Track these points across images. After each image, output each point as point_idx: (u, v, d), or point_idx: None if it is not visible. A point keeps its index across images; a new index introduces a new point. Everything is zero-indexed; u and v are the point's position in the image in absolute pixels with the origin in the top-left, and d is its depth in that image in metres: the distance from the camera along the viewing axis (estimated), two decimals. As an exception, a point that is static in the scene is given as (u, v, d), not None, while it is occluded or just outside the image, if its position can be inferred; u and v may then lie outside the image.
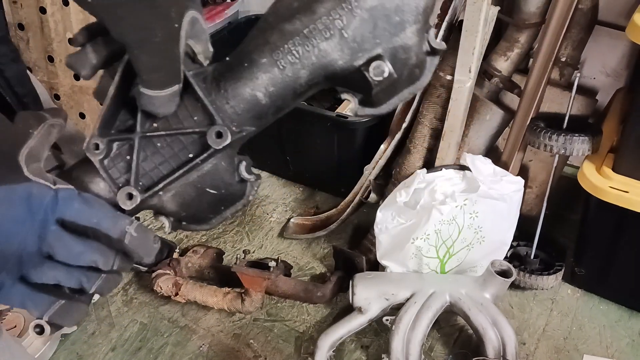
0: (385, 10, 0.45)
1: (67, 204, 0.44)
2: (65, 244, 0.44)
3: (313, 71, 0.47)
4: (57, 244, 0.44)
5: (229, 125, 0.48)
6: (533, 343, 1.39)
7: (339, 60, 0.46)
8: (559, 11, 1.27)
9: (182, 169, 0.48)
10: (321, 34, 0.46)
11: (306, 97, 0.51)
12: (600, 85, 1.64)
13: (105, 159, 0.48)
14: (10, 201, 0.42)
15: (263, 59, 0.47)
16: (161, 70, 0.46)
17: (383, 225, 1.40)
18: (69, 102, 1.88)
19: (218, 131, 0.47)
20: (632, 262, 1.37)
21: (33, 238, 0.43)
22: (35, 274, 0.44)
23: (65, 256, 0.44)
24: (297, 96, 0.50)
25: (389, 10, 0.45)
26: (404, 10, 0.45)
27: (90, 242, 0.45)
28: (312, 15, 0.45)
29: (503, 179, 1.34)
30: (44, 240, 0.43)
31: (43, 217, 0.43)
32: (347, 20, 0.45)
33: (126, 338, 1.45)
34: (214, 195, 0.50)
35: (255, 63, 0.47)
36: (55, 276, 0.45)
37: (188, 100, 0.49)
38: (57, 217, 0.44)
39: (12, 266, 0.43)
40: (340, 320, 1.34)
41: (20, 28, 1.81)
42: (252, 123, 0.50)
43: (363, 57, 0.46)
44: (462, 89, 1.30)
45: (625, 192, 1.22)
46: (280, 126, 1.74)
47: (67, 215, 0.44)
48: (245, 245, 1.72)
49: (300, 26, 0.46)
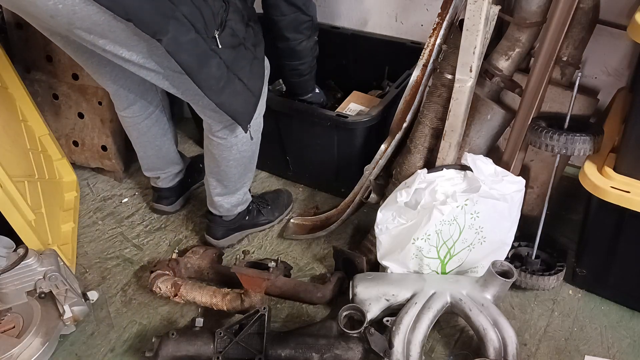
0: None
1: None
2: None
3: None
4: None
5: None
6: (534, 344, 1.38)
7: None
8: (560, 10, 1.26)
9: None
10: None
11: None
12: (601, 85, 1.64)
13: None
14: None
15: None
16: None
17: (383, 225, 1.39)
18: (67, 101, 1.87)
19: None
20: (633, 262, 1.36)
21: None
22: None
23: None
24: None
25: None
26: None
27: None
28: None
29: (504, 179, 1.33)
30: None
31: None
32: None
33: (125, 339, 1.44)
34: None
35: None
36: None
37: None
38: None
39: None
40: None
41: (19, 27, 1.80)
42: None
43: None
44: (463, 89, 1.29)
45: (626, 192, 1.22)
46: (280, 126, 1.74)
47: None
48: (244, 246, 1.72)
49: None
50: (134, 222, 1.83)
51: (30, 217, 1.43)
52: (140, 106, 1.55)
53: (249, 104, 1.26)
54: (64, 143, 1.93)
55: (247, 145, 1.43)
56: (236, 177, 1.51)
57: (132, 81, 1.47)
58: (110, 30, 1.04)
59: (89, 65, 1.38)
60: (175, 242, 1.75)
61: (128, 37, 1.06)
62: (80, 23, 1.02)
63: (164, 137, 1.66)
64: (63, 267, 1.41)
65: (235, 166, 1.46)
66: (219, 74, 1.14)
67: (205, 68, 1.11)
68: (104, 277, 1.63)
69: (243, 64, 1.20)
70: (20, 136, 1.64)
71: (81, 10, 0.99)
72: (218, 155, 1.43)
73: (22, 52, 1.84)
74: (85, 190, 1.97)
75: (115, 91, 1.49)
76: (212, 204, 1.60)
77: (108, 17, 1.01)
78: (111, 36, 1.06)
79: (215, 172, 1.49)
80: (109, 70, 1.40)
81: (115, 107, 1.57)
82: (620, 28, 1.47)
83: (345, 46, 2.01)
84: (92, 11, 0.99)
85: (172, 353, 1.27)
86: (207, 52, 1.10)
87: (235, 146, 1.40)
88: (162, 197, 1.82)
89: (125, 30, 1.05)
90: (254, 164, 1.54)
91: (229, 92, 1.18)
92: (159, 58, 1.13)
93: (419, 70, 1.48)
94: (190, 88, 1.20)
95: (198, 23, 1.06)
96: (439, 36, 1.42)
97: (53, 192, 1.74)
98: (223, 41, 1.12)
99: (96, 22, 1.02)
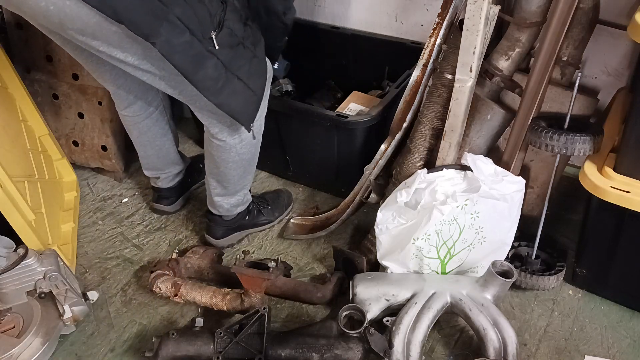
0: None
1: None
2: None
3: None
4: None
5: None
6: (534, 344, 1.38)
7: None
8: (560, 10, 1.26)
9: None
10: None
11: None
12: (601, 85, 1.64)
13: None
14: None
15: None
16: None
17: (383, 225, 1.39)
18: (67, 101, 1.87)
19: None
20: (633, 262, 1.36)
21: None
22: None
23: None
24: None
25: None
26: None
27: None
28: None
29: (504, 179, 1.33)
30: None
31: None
32: None
33: (125, 339, 1.44)
34: None
35: None
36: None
37: None
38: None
39: None
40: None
41: (19, 27, 1.80)
42: None
43: None
44: (463, 89, 1.29)
45: (626, 192, 1.22)
46: (280, 126, 1.74)
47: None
48: (244, 246, 1.72)
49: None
50: (134, 222, 1.83)
51: (30, 217, 1.43)
52: (140, 106, 1.55)
53: (249, 103, 1.26)
54: (64, 143, 1.93)
55: (246, 147, 1.42)
56: (236, 178, 1.50)
57: (131, 81, 1.47)
58: (101, 32, 1.03)
59: (89, 64, 1.38)
60: (175, 242, 1.75)
61: (121, 39, 1.05)
62: (72, 24, 1.01)
63: (164, 138, 1.66)
64: (63, 267, 1.41)
65: (234, 168, 1.46)
66: (216, 74, 1.13)
67: (202, 70, 1.10)
68: (104, 277, 1.63)
69: (242, 63, 1.19)
70: (20, 136, 1.64)
71: (72, 11, 0.98)
72: (217, 157, 1.43)
73: (22, 52, 1.84)
74: (85, 190, 1.97)
75: (115, 91, 1.49)
76: (212, 203, 1.60)
77: (99, 19, 1.00)
78: (103, 38, 1.05)
79: (215, 173, 1.49)
80: (108, 69, 1.40)
81: (116, 106, 1.57)
82: (620, 28, 1.47)
83: (345, 46, 2.01)
84: (82, 13, 0.98)
85: (172, 353, 1.27)
86: (202, 53, 1.09)
87: (234, 148, 1.40)
88: (162, 197, 1.82)
89: (117, 32, 1.04)
90: (253, 166, 1.54)
91: (228, 92, 1.18)
92: (154, 60, 1.12)
93: (419, 70, 1.48)
94: (187, 89, 1.20)
95: (192, 24, 1.05)
96: (439, 36, 1.42)
97: (53, 192, 1.74)
98: (221, 41, 1.11)
99: (87, 23, 1.01)
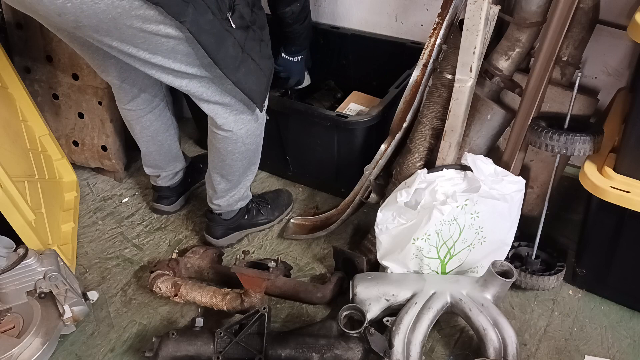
0: None
1: None
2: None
3: None
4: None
5: None
6: (534, 344, 1.38)
7: None
8: (560, 10, 1.26)
9: None
10: None
11: None
12: (601, 85, 1.64)
13: None
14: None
15: None
16: None
17: (383, 225, 1.39)
18: (67, 101, 1.87)
19: None
20: (633, 262, 1.36)
21: None
22: None
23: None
24: None
25: None
26: None
27: None
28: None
29: (504, 179, 1.33)
30: None
31: None
32: None
33: (125, 339, 1.44)
34: None
35: None
36: None
37: None
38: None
39: None
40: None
41: (19, 27, 1.80)
42: None
43: None
44: (463, 89, 1.29)
45: (626, 192, 1.22)
46: (280, 126, 1.74)
47: None
48: (244, 246, 1.72)
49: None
50: (134, 222, 1.83)
51: (30, 217, 1.43)
52: (143, 99, 1.55)
53: (261, 83, 1.31)
54: (64, 143, 1.93)
55: (252, 137, 1.44)
56: (241, 170, 1.52)
57: (137, 74, 1.47)
58: (116, 27, 1.05)
59: (94, 59, 1.39)
60: (175, 242, 1.75)
61: (134, 34, 1.07)
62: (87, 21, 1.02)
63: (166, 133, 1.66)
64: (63, 267, 1.41)
65: (240, 159, 1.47)
66: (234, 53, 1.19)
67: (223, 47, 1.16)
68: (104, 277, 1.63)
69: (253, 44, 1.25)
70: (20, 136, 1.64)
71: (89, 8, 0.99)
72: (224, 149, 1.43)
73: (22, 52, 1.84)
74: (85, 190, 1.97)
75: (120, 84, 1.49)
76: (213, 199, 1.59)
77: (115, 15, 1.02)
78: (117, 34, 1.07)
79: (219, 167, 1.50)
80: (114, 62, 1.40)
81: (118, 101, 1.57)
82: (620, 28, 1.47)
83: (345, 46, 2.01)
84: (99, 9, 1.00)
85: (172, 353, 1.27)
86: (223, 32, 1.14)
87: (240, 139, 1.41)
88: (162, 197, 1.82)
89: (131, 28, 1.05)
90: (258, 157, 1.55)
91: (245, 70, 1.23)
92: (165, 53, 1.15)
93: (419, 70, 1.48)
94: (193, 80, 1.24)
95: (212, 5, 1.10)
96: (439, 36, 1.42)
97: (53, 192, 1.74)
98: (235, 22, 1.17)
99: (102, 20, 1.02)
